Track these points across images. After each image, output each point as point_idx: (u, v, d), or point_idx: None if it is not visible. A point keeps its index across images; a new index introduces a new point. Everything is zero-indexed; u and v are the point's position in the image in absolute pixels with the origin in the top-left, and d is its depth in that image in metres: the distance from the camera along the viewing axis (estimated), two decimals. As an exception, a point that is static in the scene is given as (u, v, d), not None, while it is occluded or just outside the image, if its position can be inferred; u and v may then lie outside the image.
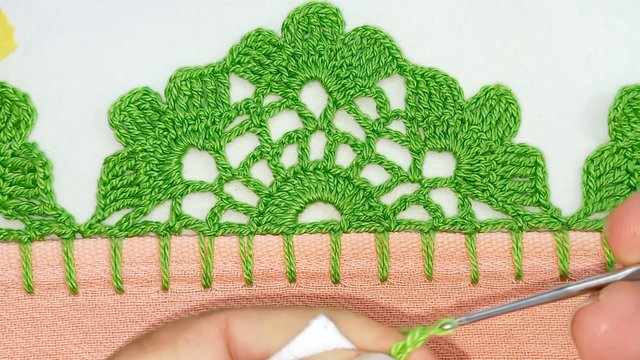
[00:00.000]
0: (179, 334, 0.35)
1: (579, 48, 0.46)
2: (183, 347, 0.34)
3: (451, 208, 0.44)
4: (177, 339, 0.34)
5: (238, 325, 0.35)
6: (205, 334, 0.34)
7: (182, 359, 0.34)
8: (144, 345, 0.34)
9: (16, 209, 0.44)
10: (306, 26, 0.45)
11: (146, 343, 0.35)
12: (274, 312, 0.35)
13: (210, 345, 0.34)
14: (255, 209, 0.44)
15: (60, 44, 0.45)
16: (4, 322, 0.43)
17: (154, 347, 0.34)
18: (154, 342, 0.34)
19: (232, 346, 0.35)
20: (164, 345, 0.34)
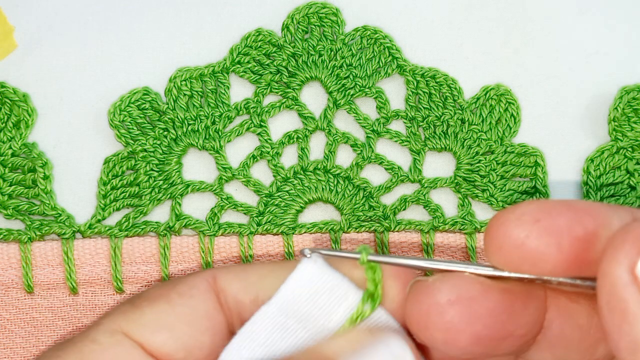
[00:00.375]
0: (170, 288, 0.36)
1: (579, 48, 0.46)
2: (176, 299, 0.36)
3: (451, 208, 0.44)
4: (169, 292, 0.36)
5: (224, 277, 0.36)
6: (197, 287, 0.36)
7: (176, 309, 0.35)
8: (136, 303, 0.36)
9: (16, 209, 0.44)
10: (306, 26, 0.45)
11: (138, 300, 0.36)
12: (258, 264, 0.37)
13: (201, 296, 0.36)
14: (255, 209, 0.44)
15: (60, 44, 0.45)
16: (4, 322, 0.43)
17: (148, 302, 0.36)
18: (147, 298, 0.36)
19: (222, 297, 0.36)
20: (157, 299, 0.36)
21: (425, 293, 0.32)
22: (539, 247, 0.30)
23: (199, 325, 0.35)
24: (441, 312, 0.32)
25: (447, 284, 0.32)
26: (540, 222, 0.30)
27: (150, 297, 0.36)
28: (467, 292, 0.32)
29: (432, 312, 0.32)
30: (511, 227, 0.30)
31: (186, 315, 0.35)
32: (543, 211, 0.30)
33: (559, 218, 0.30)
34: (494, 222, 0.31)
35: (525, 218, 0.30)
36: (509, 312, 0.32)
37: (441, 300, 0.32)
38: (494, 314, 0.32)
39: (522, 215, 0.30)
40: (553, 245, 0.30)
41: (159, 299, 0.36)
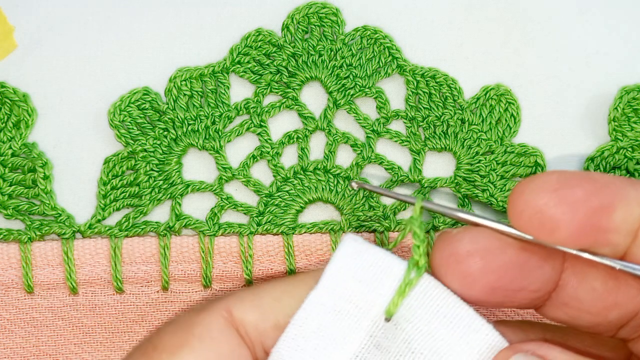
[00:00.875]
0: (188, 333, 0.35)
1: (579, 48, 0.46)
2: (198, 345, 0.34)
3: (451, 208, 0.44)
4: (189, 339, 0.34)
5: (240, 308, 0.35)
6: (215, 327, 0.35)
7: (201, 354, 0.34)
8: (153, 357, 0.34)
9: (16, 209, 0.44)
10: (306, 26, 0.45)
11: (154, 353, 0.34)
12: (269, 286, 0.36)
13: (223, 336, 0.35)
14: (255, 209, 0.44)
15: (60, 44, 0.45)
16: (4, 322, 0.43)
17: (167, 354, 0.34)
18: (164, 350, 0.34)
19: (242, 330, 0.35)
20: (179, 349, 0.34)
21: (448, 243, 0.34)
22: (556, 215, 0.32)
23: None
24: (459, 262, 0.34)
25: (467, 235, 0.34)
26: (558, 192, 0.32)
27: (169, 347, 0.34)
28: (485, 245, 0.34)
29: (451, 261, 0.34)
30: (531, 194, 0.32)
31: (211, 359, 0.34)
32: (562, 181, 0.32)
33: (576, 189, 0.32)
34: (517, 189, 0.33)
35: (545, 187, 0.32)
36: (523, 267, 0.34)
37: (460, 251, 0.34)
38: (508, 268, 0.34)
39: (543, 184, 0.32)
40: (569, 213, 0.31)
41: (180, 349, 0.34)
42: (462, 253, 0.34)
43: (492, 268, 0.33)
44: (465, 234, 0.34)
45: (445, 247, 0.34)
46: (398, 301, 0.34)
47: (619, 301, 0.34)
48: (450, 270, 0.34)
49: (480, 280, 0.33)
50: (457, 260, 0.34)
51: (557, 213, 0.32)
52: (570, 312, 0.35)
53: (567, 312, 0.35)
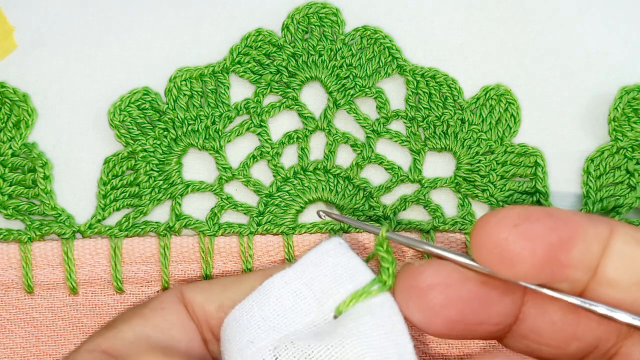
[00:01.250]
0: (142, 307, 0.39)
1: (579, 48, 0.46)
2: (150, 314, 0.38)
3: (451, 208, 0.44)
4: (142, 310, 0.38)
5: (190, 291, 0.39)
6: (167, 301, 0.39)
7: (151, 322, 0.38)
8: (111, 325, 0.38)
9: (16, 209, 0.44)
10: (306, 26, 0.45)
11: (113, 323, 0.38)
12: (222, 278, 0.41)
13: (172, 308, 0.38)
14: (255, 209, 0.44)
15: (60, 44, 0.45)
16: (4, 322, 0.43)
17: (123, 321, 0.38)
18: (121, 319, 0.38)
19: (191, 309, 0.39)
20: (131, 317, 0.38)
21: (410, 275, 0.35)
22: (515, 250, 0.32)
23: (173, 334, 0.38)
24: (420, 295, 0.34)
25: (429, 269, 0.35)
26: (518, 227, 0.32)
27: (124, 317, 0.38)
28: (446, 279, 0.34)
29: (412, 293, 0.34)
30: (492, 228, 0.33)
31: (160, 325, 0.38)
32: (522, 217, 0.32)
33: (535, 224, 0.32)
34: (479, 222, 0.33)
35: (506, 222, 0.32)
36: (483, 301, 0.34)
37: (421, 284, 0.34)
38: (468, 302, 0.34)
39: (503, 219, 0.32)
40: (528, 249, 0.32)
41: (133, 317, 0.38)
42: (423, 286, 0.34)
43: (453, 302, 0.34)
44: (427, 267, 0.35)
45: (408, 279, 0.35)
46: (349, 303, 0.36)
47: (579, 334, 0.34)
48: (411, 302, 0.34)
49: (441, 314, 0.34)
50: (419, 293, 0.34)
51: (516, 248, 0.32)
52: (530, 344, 0.35)
53: (527, 344, 0.35)
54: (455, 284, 0.34)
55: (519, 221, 0.32)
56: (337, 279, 0.37)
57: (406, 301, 0.35)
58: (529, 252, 0.32)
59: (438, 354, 0.43)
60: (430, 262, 0.35)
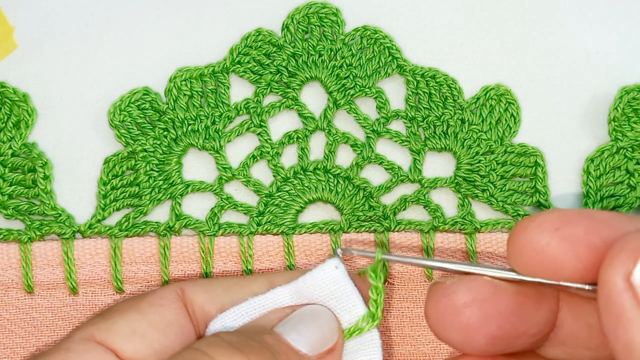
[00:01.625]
0: (140, 300, 0.38)
1: (579, 48, 0.46)
2: (147, 308, 0.37)
3: (451, 208, 0.44)
4: (139, 303, 0.38)
5: (192, 289, 0.39)
6: (166, 297, 0.38)
7: (148, 317, 0.37)
8: (107, 315, 0.38)
9: (16, 209, 0.44)
10: (306, 26, 0.45)
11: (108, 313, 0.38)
12: (223, 277, 0.40)
13: (171, 305, 0.38)
14: (255, 209, 0.44)
15: (60, 44, 0.45)
16: (4, 322, 0.43)
17: (119, 313, 0.37)
18: (117, 310, 0.38)
19: (190, 308, 0.38)
20: (128, 309, 0.37)
21: (443, 294, 0.34)
22: (558, 254, 0.31)
23: (169, 332, 0.37)
24: (457, 314, 0.33)
25: (462, 286, 0.34)
26: (559, 231, 0.31)
27: (121, 308, 0.38)
28: (481, 294, 0.33)
29: (448, 314, 0.34)
30: (532, 234, 0.32)
31: (157, 323, 0.37)
32: (562, 220, 0.32)
33: (577, 227, 0.31)
34: (517, 228, 0.32)
35: (546, 226, 0.32)
36: (520, 312, 0.34)
37: (457, 303, 0.33)
38: (506, 315, 0.33)
39: (543, 223, 0.32)
40: (571, 252, 0.31)
41: (129, 309, 0.37)
42: (459, 305, 0.33)
43: (491, 317, 0.33)
44: (460, 285, 0.34)
45: (440, 299, 0.34)
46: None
47: None
48: (448, 323, 0.34)
49: (481, 331, 0.33)
50: (455, 313, 0.33)
51: (559, 252, 0.31)
52: (569, 350, 0.35)
53: (565, 351, 0.35)
54: (491, 299, 0.33)
55: (560, 225, 0.31)
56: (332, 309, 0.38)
57: (442, 322, 0.34)
58: (572, 255, 0.31)
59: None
60: (462, 279, 0.34)
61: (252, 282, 0.39)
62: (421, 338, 0.43)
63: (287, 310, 0.38)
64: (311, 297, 0.38)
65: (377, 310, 0.37)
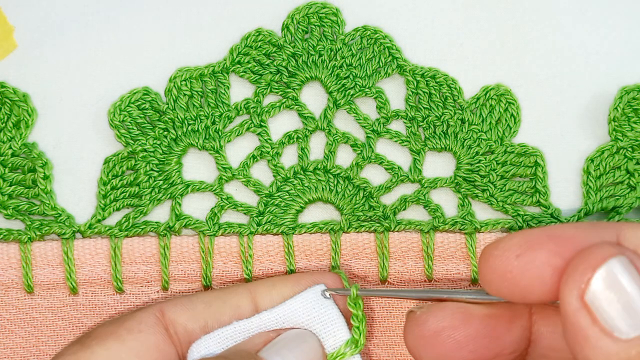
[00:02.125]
0: (119, 326, 0.37)
1: (579, 48, 0.46)
2: (126, 335, 0.37)
3: (451, 208, 0.44)
4: (118, 330, 0.37)
5: (172, 309, 0.38)
6: (145, 322, 0.37)
7: (126, 344, 0.37)
8: (85, 343, 0.37)
9: (16, 209, 0.44)
10: (306, 26, 0.45)
11: (87, 340, 0.37)
12: (202, 293, 0.40)
13: (150, 330, 0.37)
14: (255, 209, 0.44)
15: (60, 44, 0.45)
16: (4, 322, 0.43)
17: (97, 341, 0.37)
18: (95, 337, 0.37)
19: (172, 329, 0.38)
20: (107, 337, 0.37)
21: (415, 325, 0.35)
22: (522, 280, 0.32)
23: (149, 359, 0.37)
24: (429, 343, 0.35)
25: (431, 316, 0.35)
26: (520, 257, 0.32)
27: (99, 335, 0.37)
28: (451, 322, 0.34)
29: (422, 343, 0.35)
30: (496, 262, 0.32)
31: (136, 351, 0.37)
32: (524, 246, 0.32)
33: (538, 251, 0.32)
34: (483, 255, 0.33)
35: (507, 254, 0.32)
36: (492, 335, 0.34)
37: (427, 332, 0.35)
38: (478, 339, 0.34)
39: (505, 251, 0.32)
40: (535, 277, 0.31)
41: (108, 337, 0.37)
42: (430, 334, 0.34)
43: (463, 343, 0.34)
44: (429, 314, 0.35)
45: (414, 329, 0.35)
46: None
47: None
48: (424, 351, 0.35)
49: (455, 357, 0.34)
50: (427, 342, 0.35)
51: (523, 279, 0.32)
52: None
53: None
54: (461, 325, 0.34)
55: (521, 251, 0.32)
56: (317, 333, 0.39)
57: (419, 350, 0.35)
58: (537, 279, 0.31)
59: None
60: (431, 308, 0.35)
61: (233, 294, 0.39)
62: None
63: (272, 335, 0.38)
64: (297, 320, 0.39)
65: (360, 337, 0.38)
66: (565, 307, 0.30)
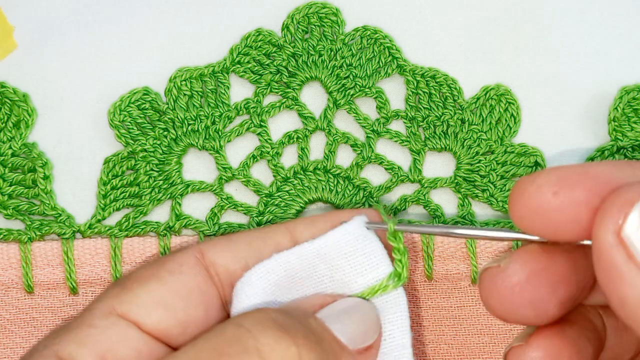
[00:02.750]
0: (159, 267, 0.37)
1: (579, 48, 0.46)
2: (167, 277, 0.37)
3: (451, 208, 0.44)
4: (159, 271, 0.37)
5: (212, 250, 0.38)
6: (185, 263, 0.37)
7: (168, 286, 0.36)
8: (127, 285, 0.37)
9: (16, 209, 0.44)
10: (306, 26, 0.45)
11: (128, 282, 0.37)
12: (243, 232, 0.39)
13: (191, 271, 0.37)
14: (255, 209, 0.44)
15: (60, 44, 0.45)
16: (4, 322, 0.43)
17: (139, 283, 0.36)
18: (137, 279, 0.37)
19: (212, 270, 0.37)
20: (148, 279, 0.37)
21: (503, 278, 0.33)
22: (559, 219, 0.31)
23: (191, 300, 0.36)
24: (524, 290, 0.33)
25: (518, 263, 0.33)
26: (558, 195, 0.31)
27: (141, 277, 0.37)
28: (539, 264, 0.33)
29: (515, 293, 0.33)
30: (531, 197, 0.31)
31: (178, 292, 0.36)
32: (561, 183, 0.31)
33: (576, 190, 0.31)
34: (516, 190, 0.32)
35: (544, 189, 0.31)
36: (577, 268, 0.33)
37: (520, 279, 0.33)
38: (569, 275, 0.33)
39: (541, 187, 0.31)
40: (572, 216, 0.31)
41: (149, 279, 0.37)
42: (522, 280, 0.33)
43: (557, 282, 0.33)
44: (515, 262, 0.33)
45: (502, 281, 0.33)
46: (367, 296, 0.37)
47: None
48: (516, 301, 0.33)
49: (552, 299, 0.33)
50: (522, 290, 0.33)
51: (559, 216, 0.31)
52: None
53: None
54: (551, 265, 0.33)
55: (558, 188, 0.31)
56: (358, 266, 0.38)
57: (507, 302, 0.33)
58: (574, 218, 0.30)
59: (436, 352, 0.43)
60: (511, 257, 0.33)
61: (273, 233, 0.38)
62: (421, 338, 0.43)
63: (329, 299, 0.37)
64: (338, 252, 0.38)
65: (403, 270, 0.37)
66: (599, 244, 0.29)
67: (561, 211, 0.31)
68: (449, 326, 0.43)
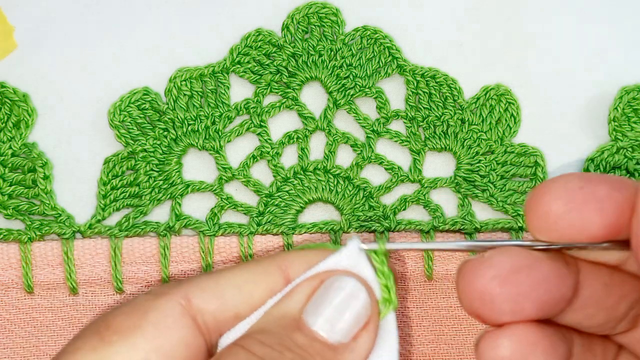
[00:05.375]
0: (142, 317, 0.34)
1: (579, 48, 0.46)
2: (151, 331, 0.34)
3: (451, 208, 0.44)
4: (142, 323, 0.34)
5: (198, 296, 0.35)
6: (170, 314, 0.34)
7: (152, 343, 0.34)
8: (106, 337, 0.34)
9: (16, 209, 0.44)
10: (306, 26, 0.45)
11: (107, 333, 0.34)
12: (229, 273, 0.36)
13: (178, 325, 0.34)
14: (255, 209, 0.44)
15: (60, 44, 0.45)
16: (4, 322, 0.43)
17: (118, 336, 0.34)
18: (117, 331, 0.34)
19: (200, 318, 0.35)
20: (130, 332, 0.34)
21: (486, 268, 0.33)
22: (584, 212, 0.31)
23: (177, 355, 0.34)
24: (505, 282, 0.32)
25: (504, 256, 0.33)
26: (583, 189, 0.32)
27: (122, 328, 0.34)
28: (524, 262, 0.33)
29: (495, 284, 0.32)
30: (557, 193, 0.32)
31: (162, 348, 0.34)
32: (585, 180, 0.32)
33: (599, 185, 0.32)
34: (538, 191, 0.32)
35: (571, 185, 0.32)
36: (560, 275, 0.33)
37: (503, 272, 0.32)
38: (551, 278, 0.33)
39: (568, 182, 0.32)
40: (596, 210, 0.31)
41: (133, 332, 0.34)
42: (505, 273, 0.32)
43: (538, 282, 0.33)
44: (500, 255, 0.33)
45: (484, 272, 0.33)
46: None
47: (625, 292, 0.34)
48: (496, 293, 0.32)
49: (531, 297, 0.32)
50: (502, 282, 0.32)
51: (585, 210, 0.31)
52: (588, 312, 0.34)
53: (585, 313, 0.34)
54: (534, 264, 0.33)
55: (583, 184, 0.32)
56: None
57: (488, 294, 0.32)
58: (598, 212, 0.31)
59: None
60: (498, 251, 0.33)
61: (265, 275, 0.36)
62: (421, 338, 0.43)
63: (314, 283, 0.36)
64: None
65: (390, 294, 0.36)
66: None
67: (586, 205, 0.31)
68: (449, 326, 0.43)
